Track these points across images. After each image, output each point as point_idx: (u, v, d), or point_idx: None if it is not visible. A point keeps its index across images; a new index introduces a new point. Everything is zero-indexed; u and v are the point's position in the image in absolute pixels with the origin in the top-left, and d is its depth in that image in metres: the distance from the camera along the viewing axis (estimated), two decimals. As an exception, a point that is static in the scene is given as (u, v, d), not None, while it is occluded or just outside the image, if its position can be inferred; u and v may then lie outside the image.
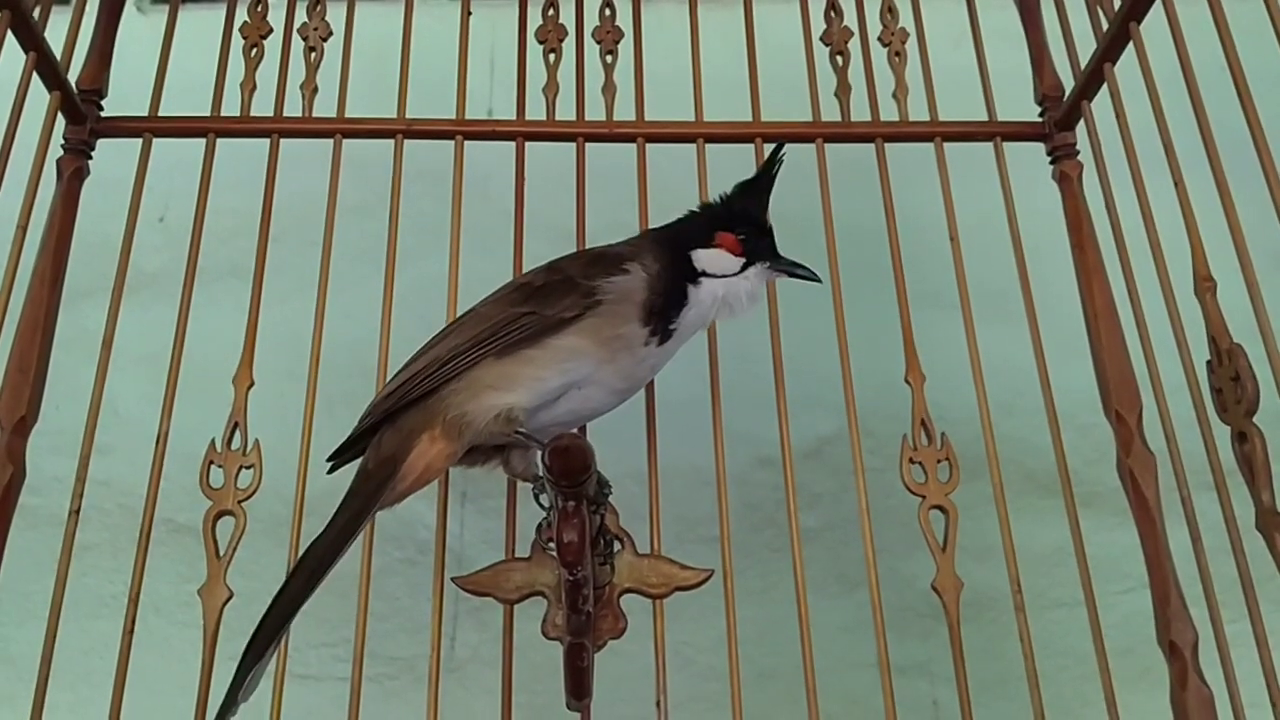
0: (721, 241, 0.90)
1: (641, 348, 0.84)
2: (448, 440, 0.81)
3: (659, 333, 0.84)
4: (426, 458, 0.81)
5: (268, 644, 0.75)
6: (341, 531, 0.78)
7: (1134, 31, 0.92)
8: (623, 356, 0.83)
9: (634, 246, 0.90)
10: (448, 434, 0.80)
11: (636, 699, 0.91)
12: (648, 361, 0.85)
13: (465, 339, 0.81)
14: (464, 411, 0.80)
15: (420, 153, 1.04)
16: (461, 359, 0.80)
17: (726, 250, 0.90)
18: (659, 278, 0.86)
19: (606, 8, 1.12)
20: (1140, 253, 0.88)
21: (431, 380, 0.80)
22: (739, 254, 0.90)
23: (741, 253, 0.90)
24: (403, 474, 0.80)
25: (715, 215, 0.92)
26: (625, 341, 0.83)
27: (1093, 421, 0.98)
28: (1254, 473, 0.78)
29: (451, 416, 0.80)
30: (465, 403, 0.80)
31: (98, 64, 1.04)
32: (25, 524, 0.88)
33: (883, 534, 0.91)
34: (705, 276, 0.89)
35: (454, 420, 0.80)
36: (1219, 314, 0.83)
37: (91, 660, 1.12)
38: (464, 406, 0.80)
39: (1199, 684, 0.81)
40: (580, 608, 0.76)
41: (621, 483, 0.88)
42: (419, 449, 0.81)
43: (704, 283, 0.88)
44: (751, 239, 0.90)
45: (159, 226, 1.45)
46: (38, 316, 0.93)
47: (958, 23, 1.11)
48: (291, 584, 0.77)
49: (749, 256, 0.90)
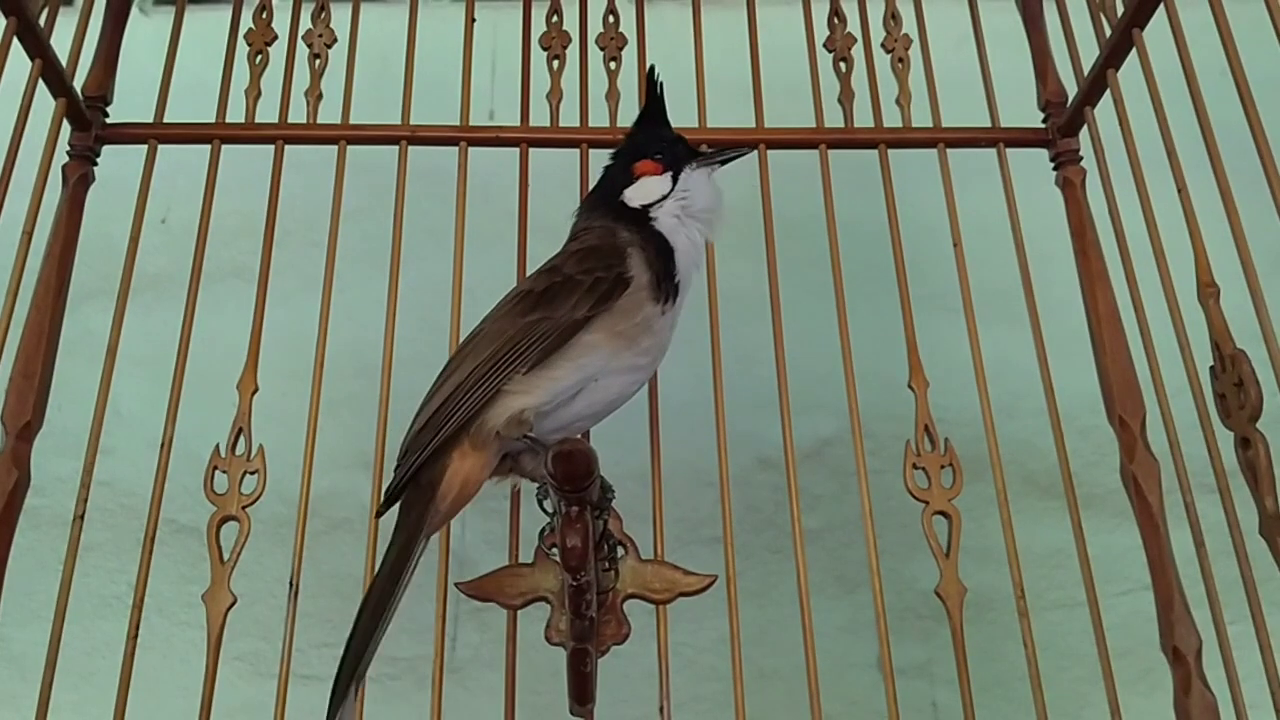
0: (640, 170, 0.90)
1: (659, 320, 0.84)
2: (478, 452, 0.80)
3: (668, 295, 0.84)
4: (462, 474, 0.80)
5: (349, 686, 0.74)
6: (395, 566, 0.77)
7: (1137, 37, 0.92)
8: (642, 338, 0.83)
9: (605, 222, 0.90)
10: (475, 445, 0.80)
11: (639, 702, 0.91)
12: (665, 329, 0.85)
13: (484, 359, 0.80)
14: (483, 420, 0.80)
15: (423, 154, 1.05)
16: (488, 381, 0.79)
17: (648, 175, 0.90)
18: (646, 244, 0.86)
19: (610, 14, 1.12)
20: (1143, 258, 0.88)
21: (464, 408, 0.79)
22: (661, 171, 0.90)
23: (663, 170, 0.90)
24: (442, 495, 0.80)
25: (625, 154, 0.93)
26: (644, 325, 0.83)
27: (1093, 424, 0.98)
28: (1257, 478, 0.78)
29: (474, 427, 0.80)
30: (485, 411, 0.80)
31: (103, 71, 1.04)
32: (28, 524, 0.88)
33: (883, 536, 0.91)
34: (652, 210, 0.89)
35: (476, 430, 0.80)
36: (1222, 319, 0.83)
37: (94, 661, 1.13)
38: (483, 415, 0.80)
39: (1203, 690, 0.81)
40: (584, 613, 0.76)
41: (623, 484, 0.88)
42: (452, 467, 0.80)
43: (659, 218, 0.88)
44: (666, 154, 0.91)
45: (161, 228, 1.45)
46: (42, 323, 0.93)
47: (961, 28, 1.11)
48: (359, 626, 0.76)
49: (672, 168, 0.90)
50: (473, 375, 0.80)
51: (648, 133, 0.93)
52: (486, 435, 0.79)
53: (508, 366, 0.79)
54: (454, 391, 0.80)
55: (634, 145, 0.93)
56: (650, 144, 0.92)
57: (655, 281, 0.84)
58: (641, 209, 0.89)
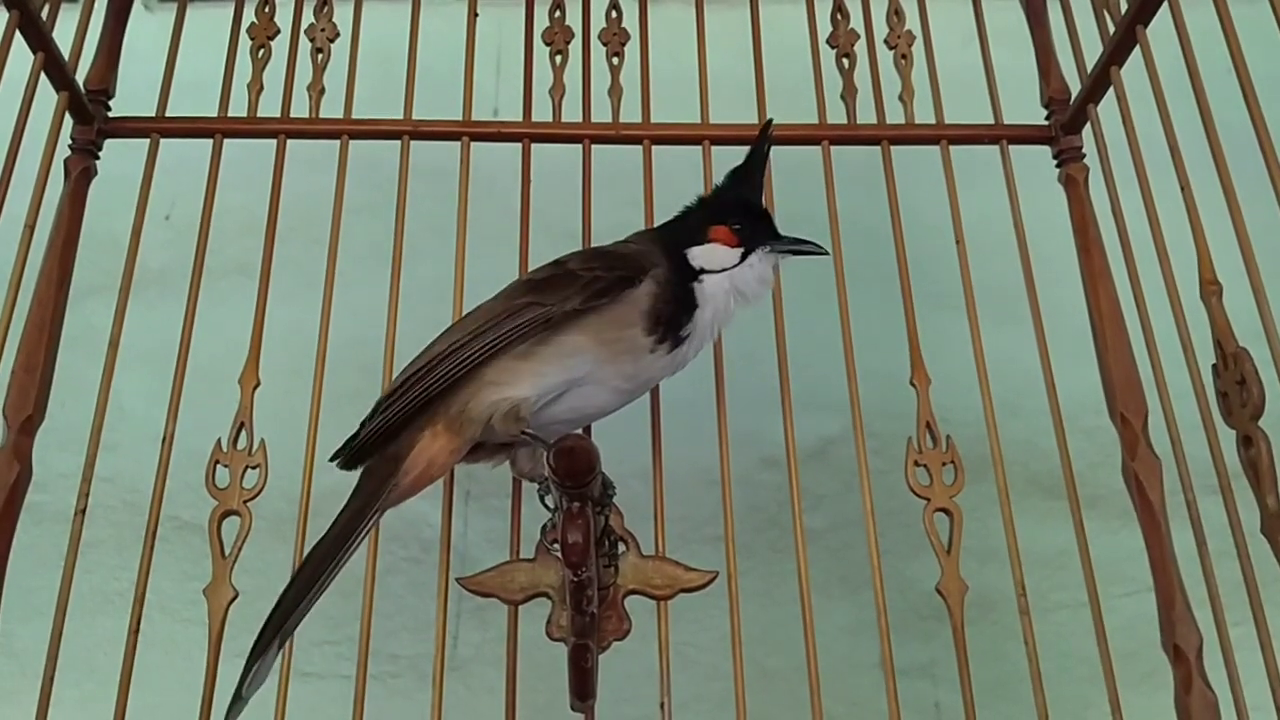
0: (715, 236, 0.89)
1: (647, 354, 0.83)
2: (450, 436, 0.80)
3: (667, 340, 0.84)
4: (429, 453, 0.80)
5: (271, 640, 0.75)
6: (344, 529, 0.78)
7: (1140, 35, 0.92)
8: (624, 359, 0.83)
9: (642, 247, 0.90)
10: (450, 429, 0.80)
11: (640, 699, 0.91)
12: (655, 366, 0.85)
13: (465, 333, 0.81)
14: (465, 407, 0.79)
15: (425, 152, 1.05)
16: (463, 353, 0.80)
17: (721, 244, 0.89)
18: (667, 285, 0.85)
19: (613, 10, 1.12)
20: (1146, 256, 0.88)
21: (434, 377, 0.80)
22: (735, 244, 0.89)
23: (738, 243, 0.89)
24: (405, 470, 0.80)
25: (708, 209, 0.92)
26: (627, 345, 0.82)
27: (1097, 424, 0.98)
28: (1259, 476, 0.78)
29: (454, 412, 0.80)
30: (468, 398, 0.80)
31: (105, 64, 1.04)
32: (30, 520, 0.89)
33: (886, 536, 0.91)
34: (706, 273, 0.88)
35: (456, 415, 0.80)
36: (1225, 318, 0.83)
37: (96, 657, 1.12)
38: (466, 402, 0.80)
39: (1203, 688, 0.81)
40: (585, 609, 0.76)
41: (625, 482, 0.88)
42: (421, 445, 0.80)
43: (706, 280, 0.88)
44: (746, 226, 0.89)
45: (164, 224, 1.44)
46: (44, 316, 0.93)
47: (964, 26, 1.11)
48: (295, 582, 0.77)
49: (746, 244, 0.89)
50: (451, 347, 0.80)
51: (739, 190, 0.91)
52: (464, 421, 0.79)
53: (485, 342, 0.79)
54: (431, 360, 0.81)
55: (721, 203, 0.92)
56: (735, 210, 0.90)
57: (655, 315, 0.83)
58: (697, 270, 0.88)
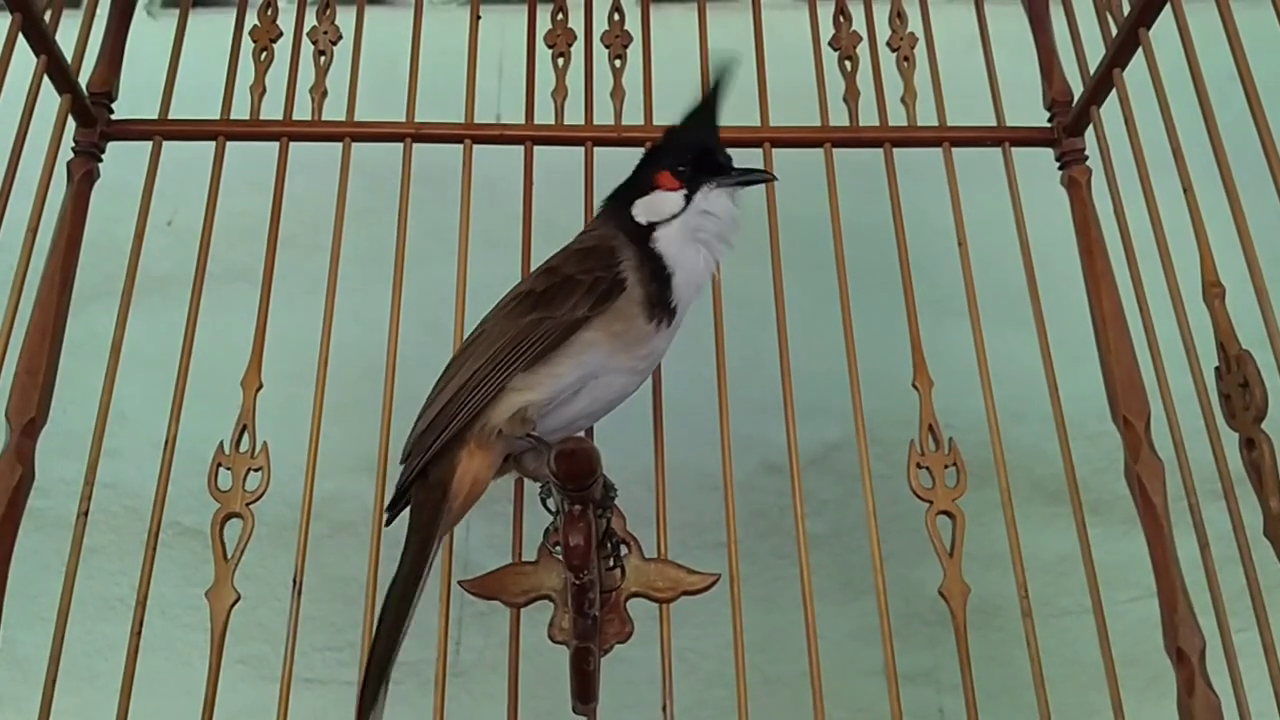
0: (658, 183, 0.86)
1: (653, 336, 0.83)
2: (484, 450, 0.80)
3: (662, 317, 0.83)
4: (471, 472, 0.80)
5: (376, 691, 0.74)
6: (413, 568, 0.77)
7: (1143, 37, 0.92)
8: (634, 346, 0.83)
9: (606, 230, 0.87)
10: (481, 444, 0.80)
11: (642, 704, 0.90)
12: (660, 342, 0.84)
13: (486, 359, 0.81)
14: (488, 418, 0.80)
15: (427, 156, 1.05)
16: (493, 379, 0.79)
17: (663, 189, 0.86)
18: (642, 265, 0.84)
19: (615, 12, 1.12)
20: (1149, 258, 0.88)
21: (468, 408, 0.79)
22: (676, 187, 0.86)
23: (679, 185, 0.86)
24: (453, 494, 0.80)
25: (654, 156, 0.89)
26: (635, 334, 0.82)
27: (1101, 429, 0.98)
28: (1262, 479, 0.78)
29: (479, 426, 0.80)
30: (489, 410, 0.80)
31: (108, 67, 1.04)
32: (32, 526, 0.88)
33: (889, 541, 0.91)
34: (657, 228, 0.85)
35: (481, 429, 0.80)
36: (1228, 320, 0.82)
37: (97, 663, 1.13)
38: (487, 413, 0.80)
39: (1206, 691, 0.81)
40: (586, 611, 0.76)
41: (628, 487, 0.87)
42: (461, 466, 0.80)
43: (660, 236, 0.85)
44: (689, 165, 0.86)
45: (167, 230, 1.44)
46: (47, 319, 0.93)
47: (966, 28, 1.11)
48: (381, 632, 0.76)
49: (689, 184, 0.86)
50: (476, 375, 0.80)
51: (687, 135, 0.88)
52: (490, 433, 0.80)
53: (510, 366, 0.80)
54: (458, 392, 0.81)
55: (667, 148, 0.89)
56: (680, 153, 0.87)
57: (648, 301, 0.83)
58: (646, 225, 0.86)
